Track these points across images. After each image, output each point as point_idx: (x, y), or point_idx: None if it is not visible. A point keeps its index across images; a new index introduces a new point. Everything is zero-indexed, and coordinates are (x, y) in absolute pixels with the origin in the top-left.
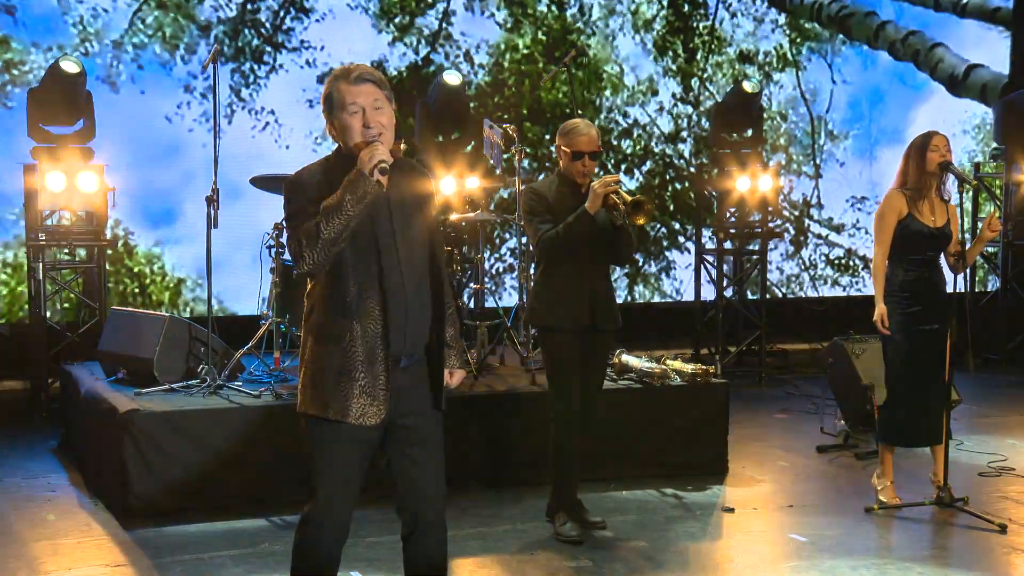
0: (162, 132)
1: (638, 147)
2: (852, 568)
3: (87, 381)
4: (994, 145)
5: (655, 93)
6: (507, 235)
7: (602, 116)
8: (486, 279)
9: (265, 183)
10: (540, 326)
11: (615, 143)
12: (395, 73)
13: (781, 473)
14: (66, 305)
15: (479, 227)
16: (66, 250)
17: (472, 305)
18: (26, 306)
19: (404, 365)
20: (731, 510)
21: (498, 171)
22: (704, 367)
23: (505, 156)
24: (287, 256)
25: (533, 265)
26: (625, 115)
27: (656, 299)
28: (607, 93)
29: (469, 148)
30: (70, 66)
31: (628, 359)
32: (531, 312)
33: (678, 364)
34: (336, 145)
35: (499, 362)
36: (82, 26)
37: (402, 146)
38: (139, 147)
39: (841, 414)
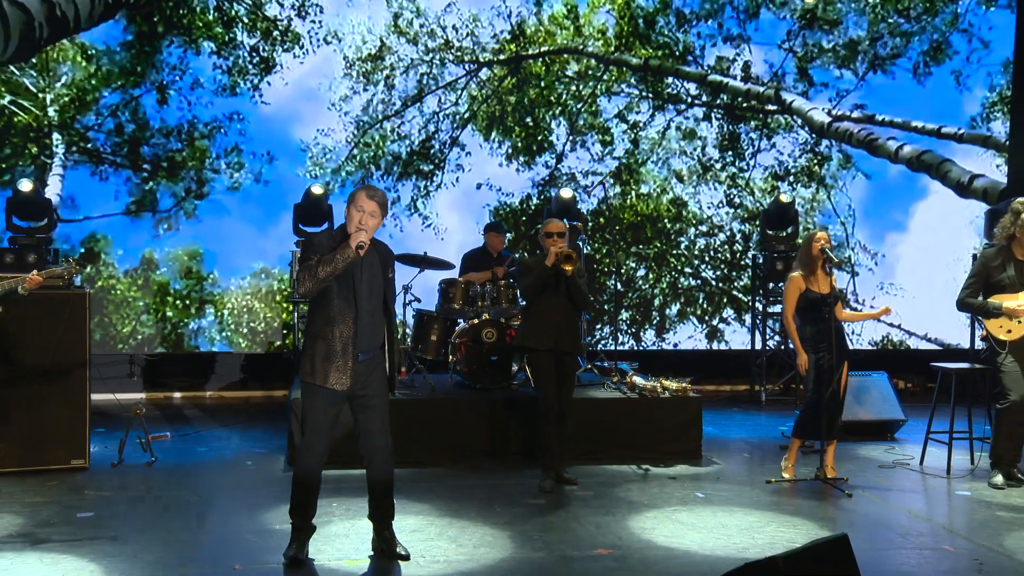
0: None
1: (710, 244)
2: (713, 512)
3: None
4: (986, 242)
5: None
6: None
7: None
8: None
9: (403, 259)
10: (522, 346)
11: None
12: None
13: (739, 461)
14: None
15: None
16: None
17: None
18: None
19: (362, 359)
20: (674, 478)
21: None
22: (685, 385)
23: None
24: (419, 306)
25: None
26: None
27: (728, 347)
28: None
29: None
30: (317, 189)
31: (636, 379)
32: (517, 336)
33: (668, 383)
34: (341, 223)
35: None
36: (314, 158)
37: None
38: None
39: None
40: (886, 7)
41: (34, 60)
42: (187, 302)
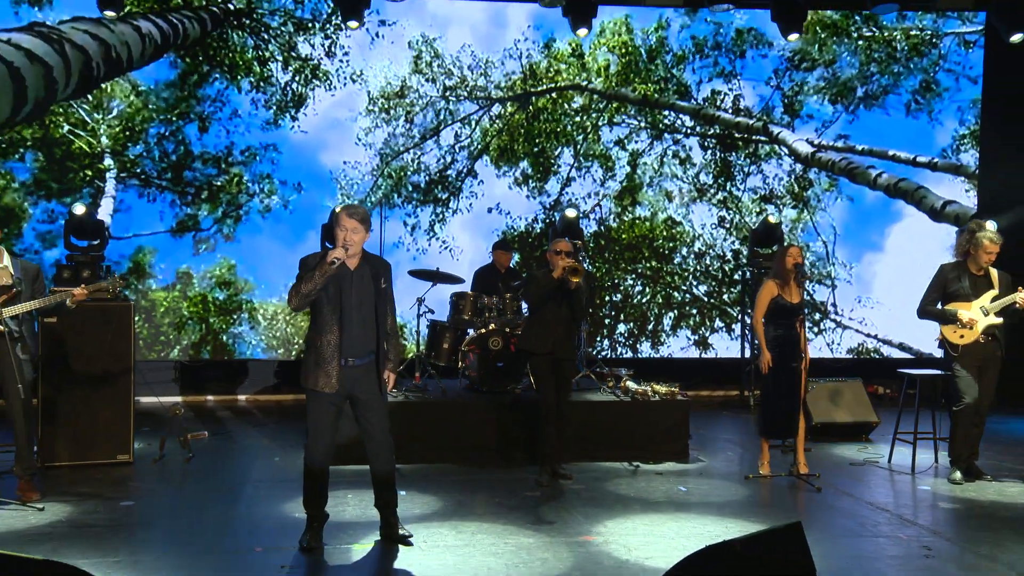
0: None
1: (702, 261)
2: (693, 504)
3: None
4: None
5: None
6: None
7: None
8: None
9: (418, 274)
10: (524, 350)
11: (686, 256)
12: (529, 220)
13: (722, 459)
14: None
15: None
16: None
17: None
18: None
19: (356, 364)
20: (660, 473)
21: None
22: (673, 389)
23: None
24: (432, 316)
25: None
26: (694, 239)
27: (716, 356)
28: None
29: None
30: (340, 210)
31: (630, 383)
32: (520, 341)
33: (659, 387)
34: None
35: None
36: (343, 189)
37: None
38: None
39: None
40: (873, 48)
41: (89, 96)
42: (227, 311)
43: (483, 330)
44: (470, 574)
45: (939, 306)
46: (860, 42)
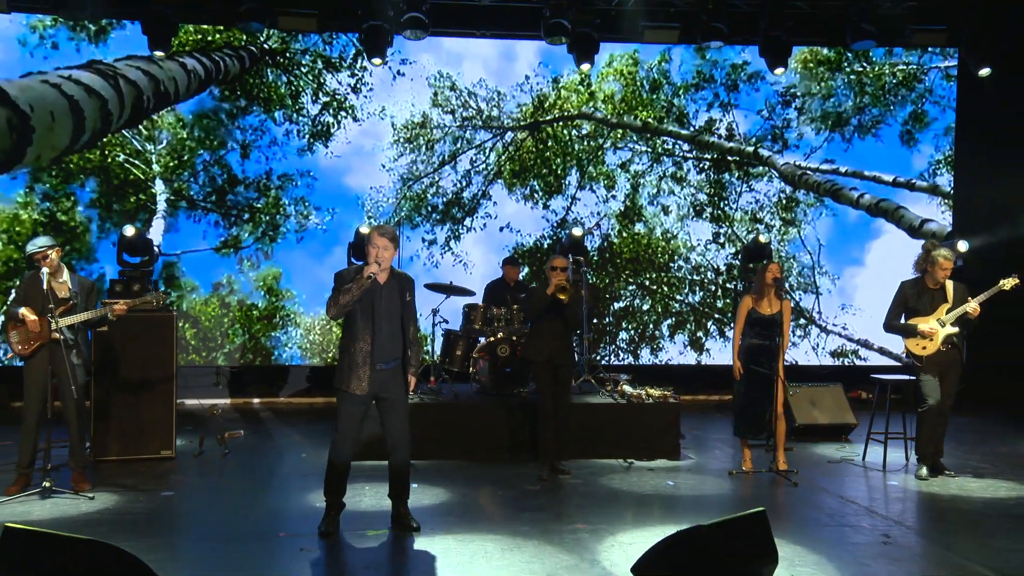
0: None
1: (696, 274)
2: (679, 496)
3: None
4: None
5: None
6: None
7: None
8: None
9: (433, 287)
10: (525, 358)
11: (680, 270)
12: (538, 237)
13: (711, 457)
14: None
15: None
16: None
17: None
18: None
19: (384, 368)
20: (652, 470)
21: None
22: (665, 393)
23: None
24: (446, 326)
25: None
26: (689, 250)
27: (712, 362)
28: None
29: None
30: (364, 228)
31: (626, 387)
32: (523, 350)
33: (653, 391)
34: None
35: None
36: (368, 211)
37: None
38: None
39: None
40: (864, 82)
41: (140, 127)
42: (268, 316)
43: (492, 338)
44: (468, 556)
45: (902, 320)
46: (852, 76)
